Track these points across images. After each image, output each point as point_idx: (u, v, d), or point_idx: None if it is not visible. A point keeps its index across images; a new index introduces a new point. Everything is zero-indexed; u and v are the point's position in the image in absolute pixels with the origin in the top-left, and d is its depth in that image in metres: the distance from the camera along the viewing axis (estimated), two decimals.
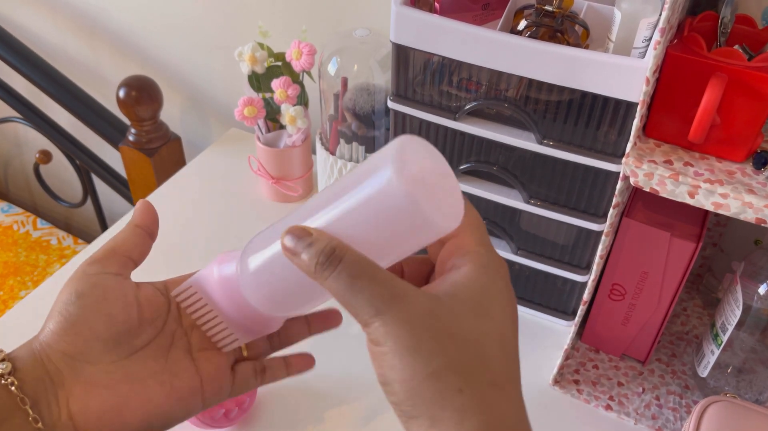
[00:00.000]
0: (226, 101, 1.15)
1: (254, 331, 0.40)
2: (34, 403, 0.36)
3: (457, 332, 0.32)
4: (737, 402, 0.55)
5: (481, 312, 0.33)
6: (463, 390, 0.31)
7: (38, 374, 0.36)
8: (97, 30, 1.20)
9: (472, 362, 0.31)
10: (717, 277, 0.79)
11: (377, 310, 0.31)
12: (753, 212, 0.51)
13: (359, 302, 0.31)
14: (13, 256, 1.32)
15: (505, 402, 0.32)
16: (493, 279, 0.34)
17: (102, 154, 1.33)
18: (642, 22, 0.55)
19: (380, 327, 0.31)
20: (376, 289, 0.31)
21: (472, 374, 0.31)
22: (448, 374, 0.31)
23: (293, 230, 0.33)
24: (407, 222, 0.31)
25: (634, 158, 0.54)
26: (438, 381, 0.31)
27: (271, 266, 0.36)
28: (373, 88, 0.82)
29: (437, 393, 0.31)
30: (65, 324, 0.37)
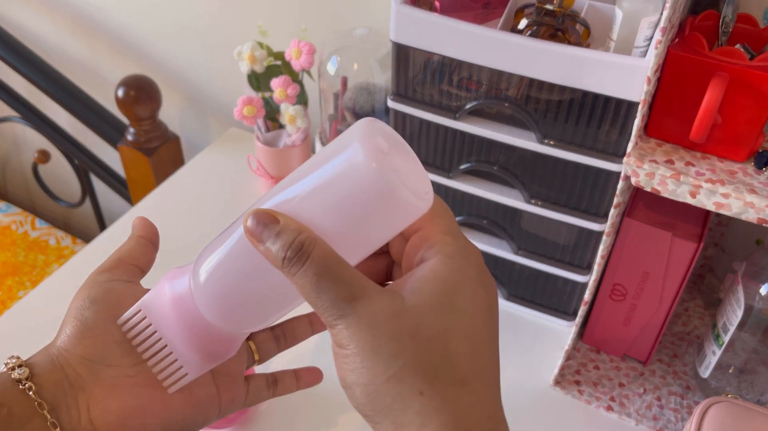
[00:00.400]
0: (226, 100, 1.15)
1: (209, 355, 0.37)
2: (52, 408, 0.35)
3: (419, 331, 0.30)
4: (739, 403, 0.55)
5: (447, 307, 0.31)
6: (424, 392, 0.30)
7: (57, 378, 0.36)
8: (95, 29, 1.20)
9: (434, 361, 0.30)
10: (718, 277, 0.79)
11: (341, 312, 0.30)
12: (754, 212, 0.50)
13: (324, 303, 0.30)
14: (12, 256, 1.32)
15: (472, 400, 0.30)
16: (461, 269, 0.32)
17: (101, 154, 1.32)
18: (643, 21, 0.54)
19: (343, 330, 0.30)
20: (341, 290, 0.30)
21: (435, 374, 0.30)
22: (408, 376, 0.30)
23: (258, 213, 0.31)
24: (379, 202, 0.30)
25: (636, 158, 0.54)
26: (399, 384, 0.30)
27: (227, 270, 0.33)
28: (373, 87, 0.81)
29: (398, 396, 0.30)
30: (82, 328, 0.37)
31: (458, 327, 0.31)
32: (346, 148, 0.30)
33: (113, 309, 0.37)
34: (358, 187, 0.29)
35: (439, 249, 0.32)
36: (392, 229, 0.32)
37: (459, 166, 0.69)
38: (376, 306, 0.30)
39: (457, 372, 0.31)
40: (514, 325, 0.77)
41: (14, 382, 0.35)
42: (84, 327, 0.37)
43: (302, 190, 0.31)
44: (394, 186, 0.29)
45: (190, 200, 0.96)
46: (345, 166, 0.30)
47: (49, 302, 0.80)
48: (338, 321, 0.30)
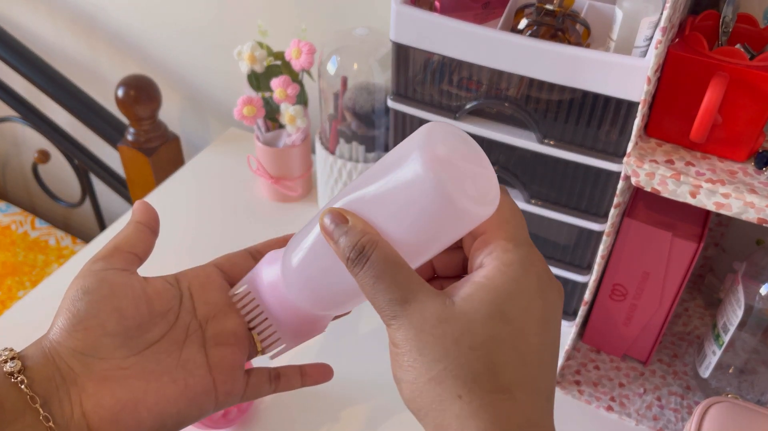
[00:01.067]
0: (225, 100, 1.15)
1: (301, 332, 0.40)
2: (45, 402, 0.35)
3: (463, 338, 0.31)
4: (739, 403, 0.55)
5: (496, 316, 0.32)
6: (462, 396, 0.30)
7: (49, 372, 0.36)
8: (95, 29, 1.20)
9: (475, 368, 0.31)
10: (718, 277, 0.79)
11: (394, 313, 0.32)
12: (755, 212, 0.50)
13: (380, 303, 0.32)
14: (12, 256, 1.32)
15: (512, 407, 0.31)
16: (517, 278, 0.33)
17: (100, 154, 1.32)
18: (643, 21, 0.54)
19: (396, 330, 0.32)
20: (395, 293, 0.32)
21: (474, 380, 0.31)
22: (449, 379, 0.31)
23: (333, 212, 0.34)
24: (436, 210, 0.31)
25: (636, 158, 0.54)
26: (438, 386, 0.31)
27: (311, 258, 0.36)
28: (373, 87, 0.81)
29: (437, 397, 0.31)
30: (74, 320, 0.36)
31: (505, 337, 0.32)
32: (407, 157, 0.32)
33: (106, 299, 0.37)
34: (416, 197, 0.31)
35: (498, 256, 0.33)
36: (452, 235, 0.33)
37: None
38: (426, 311, 0.32)
39: (499, 380, 0.31)
40: None
41: (6, 375, 0.35)
42: (76, 320, 0.36)
43: (370, 193, 0.33)
44: (452, 196, 0.30)
45: (190, 200, 0.96)
46: (404, 176, 0.32)
47: (49, 302, 0.80)
48: (392, 321, 0.32)
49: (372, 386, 0.69)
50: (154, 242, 0.42)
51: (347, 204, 0.34)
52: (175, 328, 0.39)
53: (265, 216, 0.91)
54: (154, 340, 0.38)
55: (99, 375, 0.36)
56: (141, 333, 0.38)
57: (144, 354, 0.37)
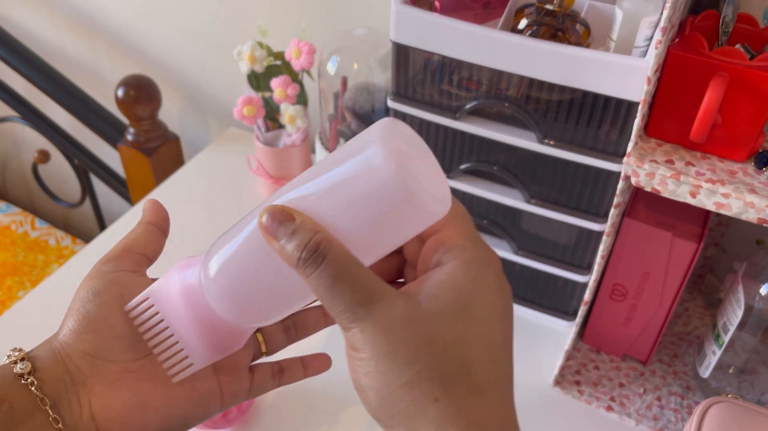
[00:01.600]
0: (225, 100, 1.15)
1: (216, 348, 0.36)
2: (54, 403, 0.35)
3: (436, 338, 0.30)
4: (739, 403, 0.55)
5: (464, 314, 0.31)
6: (440, 399, 0.29)
7: (58, 373, 0.36)
8: (95, 29, 1.20)
9: (450, 368, 0.30)
10: (718, 277, 0.79)
11: (355, 316, 0.30)
12: (755, 212, 0.50)
13: (339, 306, 0.30)
14: (12, 256, 1.32)
15: (487, 408, 0.30)
16: (479, 276, 0.32)
17: (100, 154, 1.32)
18: (643, 21, 0.54)
19: (358, 333, 0.30)
20: (356, 293, 0.30)
21: (450, 381, 0.30)
22: (424, 382, 0.29)
23: (274, 210, 0.31)
24: (395, 204, 0.29)
25: (636, 158, 0.54)
26: (413, 391, 0.29)
27: (240, 261, 0.33)
28: (372, 87, 0.81)
29: (412, 402, 0.30)
30: (84, 322, 0.36)
31: (475, 335, 0.31)
32: (365, 148, 0.30)
33: (116, 302, 0.37)
34: (376, 189, 0.29)
35: (457, 254, 0.32)
36: (409, 232, 0.31)
37: (459, 166, 0.69)
38: (392, 311, 0.30)
39: (473, 379, 0.30)
40: (514, 325, 0.77)
41: (16, 377, 0.35)
42: (86, 321, 0.36)
43: (318, 188, 0.31)
44: (412, 189, 0.29)
45: (190, 200, 0.96)
46: (363, 167, 0.29)
47: (49, 302, 0.80)
48: (353, 325, 0.30)
49: None
50: (164, 243, 0.41)
51: (290, 201, 0.31)
52: None
53: None
54: None
55: (107, 378, 0.36)
56: None
57: (151, 356, 0.37)
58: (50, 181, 1.48)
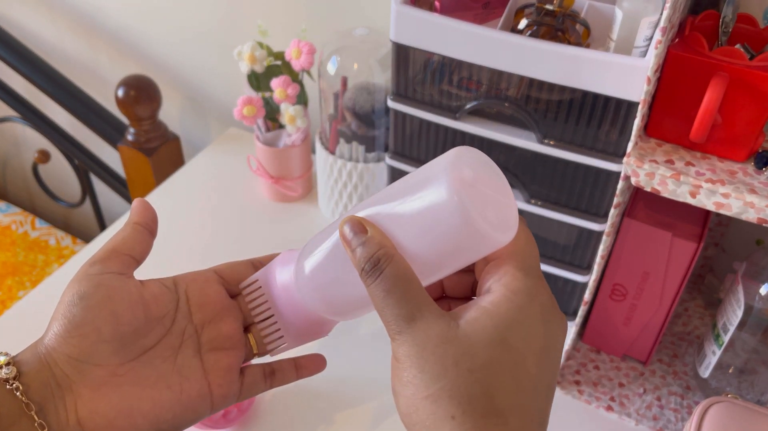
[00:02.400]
0: (225, 100, 1.15)
1: (305, 334, 0.41)
2: (40, 408, 0.35)
3: (465, 359, 0.32)
4: (739, 403, 0.55)
5: (497, 342, 0.32)
6: (455, 417, 0.31)
7: (44, 378, 0.35)
8: (95, 29, 1.20)
9: (473, 390, 0.31)
10: (718, 277, 0.79)
11: (399, 329, 0.33)
12: (755, 212, 0.50)
13: (387, 317, 0.33)
14: (12, 256, 1.32)
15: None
16: (522, 307, 0.33)
17: (100, 154, 1.32)
18: (643, 21, 0.54)
19: (400, 345, 0.33)
20: (402, 308, 0.33)
21: (469, 402, 0.31)
22: (444, 399, 0.31)
23: (353, 220, 0.34)
24: (456, 232, 0.32)
25: (636, 158, 0.54)
26: (433, 404, 0.31)
27: (326, 264, 0.37)
28: (373, 87, 0.81)
29: (431, 415, 0.31)
30: (69, 326, 0.36)
31: (504, 363, 0.32)
32: (434, 177, 0.33)
33: (103, 305, 0.36)
34: (438, 217, 0.32)
35: (506, 283, 0.33)
36: (468, 258, 0.34)
37: None
38: (430, 330, 0.32)
39: (493, 404, 0.31)
40: None
41: (1, 382, 0.35)
42: (71, 325, 0.36)
43: (392, 207, 0.34)
44: (473, 219, 0.31)
45: (190, 200, 0.96)
46: (428, 194, 0.32)
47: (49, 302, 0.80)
48: (397, 336, 0.33)
49: (371, 387, 0.69)
50: (152, 244, 0.41)
51: (368, 214, 0.35)
52: (171, 333, 0.39)
53: (265, 216, 0.91)
54: (149, 346, 0.38)
55: (94, 382, 0.36)
56: (137, 338, 0.37)
57: (139, 359, 0.37)
58: (50, 181, 1.48)
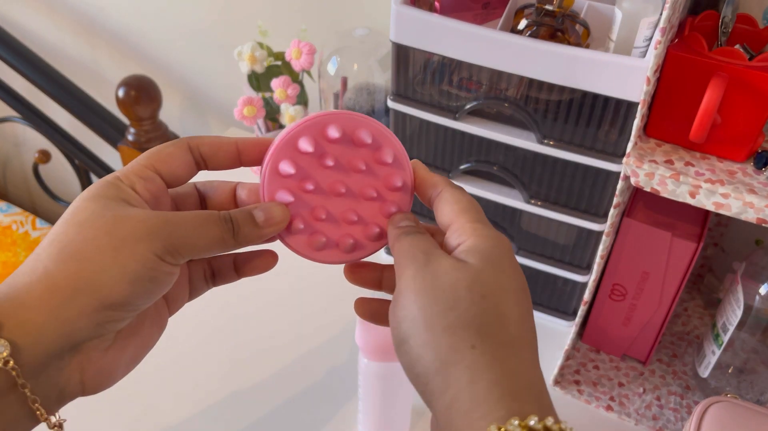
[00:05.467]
0: (226, 101, 1.15)
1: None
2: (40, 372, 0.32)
3: (476, 285, 0.32)
4: (738, 402, 0.55)
5: (499, 268, 0.33)
6: (476, 346, 0.31)
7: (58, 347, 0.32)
8: (96, 29, 1.20)
9: (487, 318, 0.32)
10: (718, 277, 0.79)
11: (416, 265, 0.34)
12: (754, 212, 0.50)
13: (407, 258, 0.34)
14: (12, 256, 1.32)
15: (519, 363, 0.31)
16: (497, 247, 0.34)
17: (101, 154, 1.33)
18: (643, 21, 0.54)
19: (412, 280, 0.33)
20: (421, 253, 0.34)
21: (487, 331, 0.31)
22: (463, 328, 0.31)
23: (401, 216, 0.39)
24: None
25: (635, 158, 0.54)
26: (453, 335, 0.31)
27: None
28: (372, 87, 0.81)
29: (451, 347, 0.31)
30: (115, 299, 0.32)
31: (509, 288, 0.33)
32: None
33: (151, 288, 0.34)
34: None
35: (473, 233, 0.35)
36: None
37: (459, 166, 0.69)
38: (441, 263, 0.33)
39: (507, 333, 0.32)
40: None
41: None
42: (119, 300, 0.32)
43: None
44: None
45: None
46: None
47: None
48: (408, 272, 0.34)
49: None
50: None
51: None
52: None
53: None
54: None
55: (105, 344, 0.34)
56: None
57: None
58: (51, 181, 1.48)
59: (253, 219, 0.37)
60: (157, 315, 0.39)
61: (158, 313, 0.39)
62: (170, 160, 0.37)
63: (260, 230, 0.37)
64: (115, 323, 0.33)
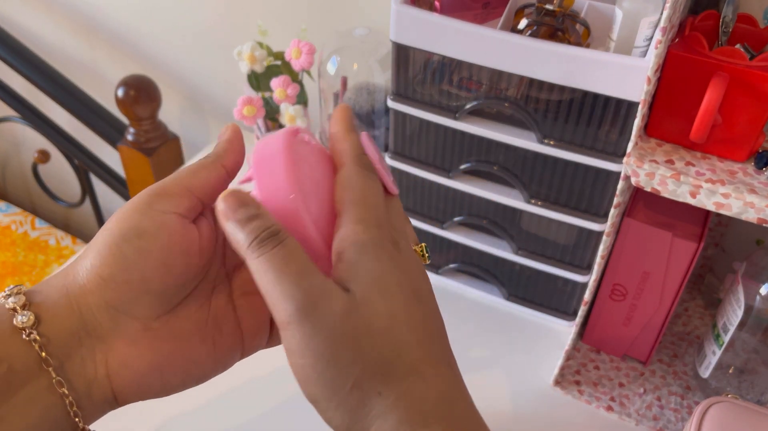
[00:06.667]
0: (225, 100, 1.15)
1: None
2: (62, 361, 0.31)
3: (372, 325, 0.30)
4: (739, 403, 0.55)
5: (383, 288, 0.31)
6: (382, 392, 0.30)
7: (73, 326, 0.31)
8: (95, 29, 1.20)
9: (389, 356, 0.30)
10: (718, 277, 0.79)
11: (297, 310, 0.29)
12: (755, 212, 0.50)
13: (283, 294, 0.29)
14: (12, 256, 1.32)
15: (423, 388, 0.30)
16: (377, 252, 0.31)
17: (100, 154, 1.32)
18: (643, 21, 0.54)
19: (296, 335, 0.29)
20: (303, 285, 0.29)
21: (388, 371, 0.30)
22: (367, 381, 0.30)
23: (238, 195, 0.31)
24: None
25: (636, 158, 0.54)
26: (360, 391, 0.30)
27: None
28: (372, 87, 0.81)
29: (360, 403, 0.30)
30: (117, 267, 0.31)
31: (399, 313, 0.31)
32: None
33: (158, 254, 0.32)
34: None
35: (353, 243, 0.31)
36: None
37: (459, 166, 0.69)
38: (334, 306, 0.29)
39: (408, 362, 0.30)
40: (514, 325, 0.77)
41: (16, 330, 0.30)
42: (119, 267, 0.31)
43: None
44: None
45: None
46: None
47: None
48: (291, 323, 0.29)
49: None
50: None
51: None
52: (206, 280, 0.36)
53: None
54: (187, 294, 0.35)
55: (129, 335, 0.32)
56: (180, 291, 0.34)
57: (176, 311, 0.34)
58: (50, 181, 1.48)
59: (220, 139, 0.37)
60: (215, 336, 0.35)
61: (218, 335, 0.35)
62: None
63: (225, 142, 0.37)
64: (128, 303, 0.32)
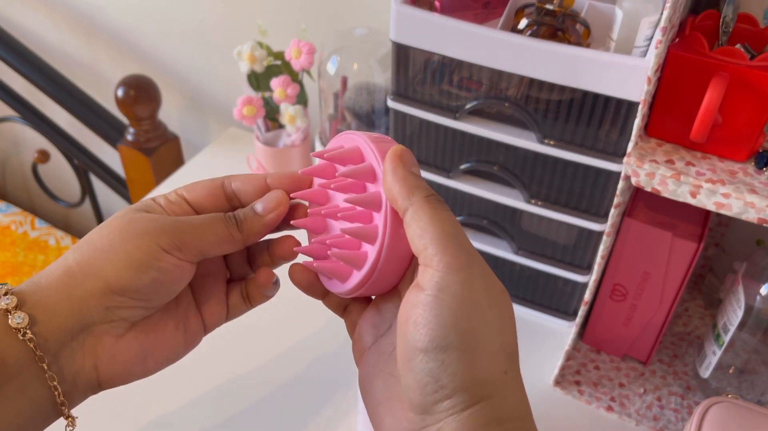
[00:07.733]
0: (225, 100, 1.15)
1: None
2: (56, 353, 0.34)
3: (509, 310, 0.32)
4: (739, 403, 0.55)
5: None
6: (507, 372, 0.31)
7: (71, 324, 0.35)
8: (95, 29, 1.20)
9: (514, 344, 0.32)
10: (719, 278, 0.79)
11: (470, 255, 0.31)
12: (755, 212, 0.50)
13: (462, 244, 0.32)
14: (11, 256, 1.32)
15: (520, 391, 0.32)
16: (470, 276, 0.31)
17: (100, 154, 1.32)
18: (643, 20, 0.54)
19: (469, 276, 0.31)
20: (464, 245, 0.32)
21: (511, 355, 0.32)
22: (508, 351, 0.31)
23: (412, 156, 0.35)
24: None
25: (636, 158, 0.54)
26: (494, 360, 0.30)
27: None
28: (372, 87, 0.81)
29: (489, 372, 0.30)
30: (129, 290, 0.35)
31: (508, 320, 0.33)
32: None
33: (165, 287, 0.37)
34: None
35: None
36: None
37: (459, 166, 0.69)
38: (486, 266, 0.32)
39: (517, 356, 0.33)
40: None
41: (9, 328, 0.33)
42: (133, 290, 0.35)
43: None
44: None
45: None
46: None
47: None
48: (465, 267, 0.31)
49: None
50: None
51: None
52: None
53: None
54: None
55: (118, 332, 0.36)
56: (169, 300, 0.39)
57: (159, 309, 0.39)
58: (50, 181, 1.48)
59: (253, 210, 0.39)
60: (185, 322, 0.40)
61: (186, 321, 0.40)
62: (197, 187, 0.40)
63: (262, 217, 0.38)
64: (125, 310, 0.36)
